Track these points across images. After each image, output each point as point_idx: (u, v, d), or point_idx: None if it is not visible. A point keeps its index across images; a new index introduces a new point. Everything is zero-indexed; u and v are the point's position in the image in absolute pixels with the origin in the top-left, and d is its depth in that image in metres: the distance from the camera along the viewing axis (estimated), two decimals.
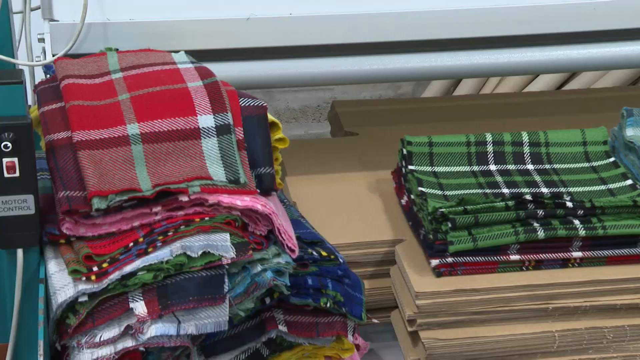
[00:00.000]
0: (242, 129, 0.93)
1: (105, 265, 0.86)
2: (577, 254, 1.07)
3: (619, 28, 1.21)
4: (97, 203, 0.86)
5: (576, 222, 1.06)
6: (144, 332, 0.86)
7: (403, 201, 1.19)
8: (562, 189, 1.14)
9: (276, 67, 1.21)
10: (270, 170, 0.93)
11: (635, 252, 1.07)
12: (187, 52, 1.03)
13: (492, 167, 1.19)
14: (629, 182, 1.14)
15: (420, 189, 1.12)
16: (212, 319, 0.87)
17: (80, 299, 0.86)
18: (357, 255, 1.15)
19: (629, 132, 1.18)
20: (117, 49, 1.06)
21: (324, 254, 1.01)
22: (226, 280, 0.87)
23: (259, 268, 0.90)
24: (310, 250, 1.00)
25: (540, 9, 1.18)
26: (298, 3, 1.16)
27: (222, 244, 0.87)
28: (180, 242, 0.87)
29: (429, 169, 1.18)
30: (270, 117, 0.96)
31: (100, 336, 0.86)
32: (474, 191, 1.14)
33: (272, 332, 0.96)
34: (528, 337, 1.05)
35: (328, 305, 0.98)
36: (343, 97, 2.59)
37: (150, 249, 0.87)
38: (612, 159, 1.18)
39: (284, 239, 0.91)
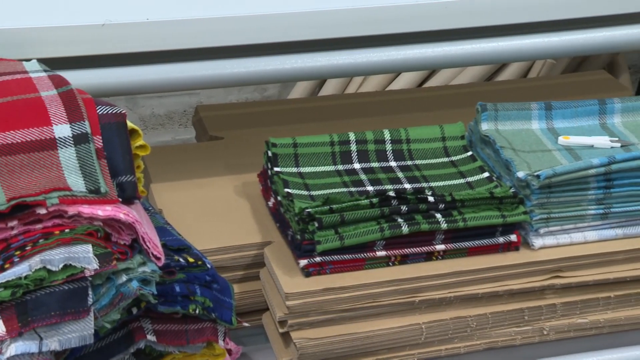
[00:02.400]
0: (100, 137, 0.91)
1: None
2: (440, 247, 1.10)
3: (471, 26, 1.25)
4: None
5: (438, 215, 1.09)
6: (3, 352, 0.83)
7: (270, 203, 1.19)
8: (424, 184, 1.17)
9: (137, 73, 1.19)
10: (131, 178, 0.92)
11: (494, 242, 1.11)
12: (40, 61, 1.00)
13: (356, 166, 1.21)
14: (486, 174, 1.18)
15: (286, 190, 1.13)
16: (76, 333, 0.85)
17: None
18: (225, 259, 1.15)
19: (484, 127, 1.22)
20: None
21: (191, 260, 1.00)
22: (90, 292, 0.85)
23: (124, 278, 0.88)
24: (176, 257, 0.99)
25: (395, 9, 1.21)
26: (155, 8, 1.15)
27: (84, 255, 0.85)
28: (40, 256, 0.84)
29: (294, 170, 1.18)
30: (130, 124, 0.94)
31: None
32: (339, 190, 1.15)
33: (141, 343, 0.95)
34: (396, 331, 1.08)
35: (197, 311, 0.97)
36: (209, 101, 2.58)
37: (7, 265, 0.83)
38: (469, 153, 1.22)
39: (148, 247, 0.90)
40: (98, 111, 0.92)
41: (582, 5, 1.27)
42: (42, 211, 0.86)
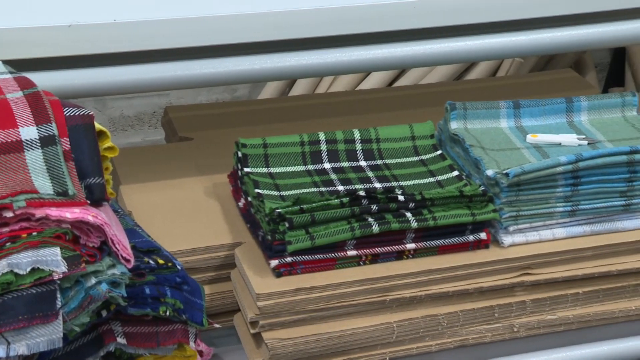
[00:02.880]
0: (68, 139, 0.90)
1: None
2: (411, 246, 1.10)
3: (440, 25, 1.25)
4: None
5: (408, 214, 1.10)
6: None
7: (240, 204, 1.19)
8: (394, 184, 1.17)
9: (105, 74, 1.18)
10: (100, 180, 0.91)
11: (464, 240, 1.12)
12: (5, 62, 0.99)
13: (327, 166, 1.21)
14: (456, 173, 1.18)
15: (256, 190, 1.12)
16: (45, 337, 0.84)
17: None
18: (196, 260, 1.14)
19: (454, 125, 1.23)
20: None
21: (161, 262, 1.00)
22: (58, 295, 0.85)
23: (93, 281, 0.88)
24: (146, 259, 0.99)
25: (364, 9, 1.21)
26: (122, 9, 1.14)
27: (52, 258, 0.84)
28: (7, 260, 0.83)
29: (264, 170, 1.18)
30: (98, 125, 0.94)
31: None
32: (310, 190, 1.15)
33: (111, 345, 0.94)
34: (368, 330, 1.08)
35: (167, 313, 0.96)
36: (179, 102, 2.57)
37: None
38: (439, 152, 1.23)
39: (118, 250, 0.89)
40: (65, 113, 0.91)
41: (548, 4, 1.28)
42: (9, 214, 0.85)
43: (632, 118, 1.27)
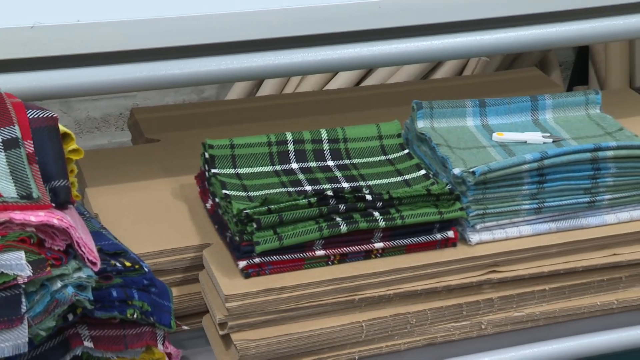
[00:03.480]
0: (32, 142, 0.89)
1: None
2: (379, 245, 1.11)
3: (406, 25, 1.26)
4: None
5: (376, 214, 1.10)
6: None
7: (208, 205, 1.19)
8: (362, 183, 1.18)
9: (70, 76, 1.17)
10: (65, 182, 0.90)
11: (432, 238, 1.12)
12: None
13: (294, 166, 1.21)
14: (423, 172, 1.19)
15: (224, 191, 1.12)
16: (9, 342, 0.83)
17: None
18: (164, 262, 1.14)
19: (420, 124, 1.23)
20: None
21: (128, 264, 0.99)
22: (23, 300, 0.84)
23: (59, 284, 0.87)
24: (113, 261, 0.98)
25: (330, 8, 1.21)
26: (86, 10, 1.13)
27: (16, 262, 0.84)
28: None
29: (232, 171, 1.18)
30: (63, 128, 0.93)
31: None
32: (278, 190, 1.15)
33: (77, 349, 0.93)
34: (337, 330, 1.08)
35: (135, 316, 0.96)
36: (145, 103, 2.55)
37: None
38: (406, 151, 1.23)
39: (84, 253, 0.89)
40: (28, 115, 0.90)
41: (513, 4, 1.29)
42: None
43: (595, 116, 1.29)
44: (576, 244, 1.16)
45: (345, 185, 1.17)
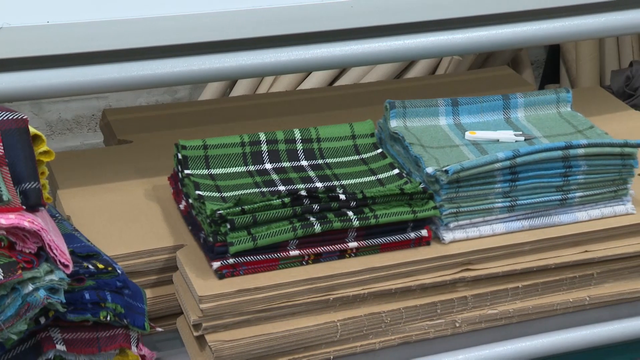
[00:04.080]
0: (1, 144, 0.88)
1: None
2: (353, 244, 1.11)
3: (378, 24, 1.26)
4: None
5: (350, 213, 1.10)
6: None
7: (181, 206, 1.18)
8: (335, 183, 1.18)
9: (41, 77, 1.16)
10: (36, 185, 0.90)
11: (406, 237, 1.12)
12: None
13: (268, 166, 1.20)
14: (396, 171, 1.19)
15: (197, 192, 1.12)
16: None
17: None
18: (137, 264, 1.13)
19: (393, 124, 1.24)
20: None
21: (100, 266, 0.99)
22: None
23: (30, 287, 0.86)
24: (85, 264, 0.97)
25: (302, 8, 1.21)
26: (56, 10, 1.12)
27: None
28: None
29: (205, 171, 1.18)
30: (33, 129, 0.92)
31: None
32: (251, 191, 1.15)
33: (50, 353, 0.93)
34: (312, 329, 1.08)
35: (108, 318, 0.95)
36: (118, 104, 2.54)
37: None
38: (379, 150, 1.24)
39: (56, 255, 0.88)
40: None
41: (485, 3, 1.30)
42: None
43: (566, 114, 1.30)
44: (548, 241, 1.17)
45: (319, 185, 1.17)
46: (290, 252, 1.08)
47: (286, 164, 1.21)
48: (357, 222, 1.10)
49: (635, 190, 1.21)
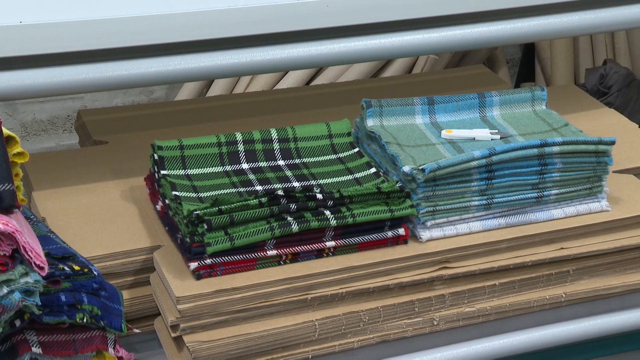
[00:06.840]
0: None
1: None
2: (331, 244, 1.11)
3: (354, 24, 1.26)
4: None
5: (327, 212, 1.10)
6: None
7: (158, 207, 1.18)
8: (312, 182, 1.18)
9: (14, 78, 1.15)
10: (10, 186, 0.89)
11: (383, 236, 1.13)
12: None
13: (245, 166, 1.20)
14: (373, 170, 1.19)
15: (174, 193, 1.11)
16: None
17: None
18: (114, 265, 1.13)
19: (370, 123, 1.24)
20: None
21: (76, 268, 0.98)
22: None
23: (5, 290, 0.86)
24: (61, 265, 0.97)
25: (278, 8, 1.21)
26: (29, 11, 1.11)
27: None
28: None
29: (181, 172, 1.17)
30: (6, 131, 0.91)
31: None
32: (228, 191, 1.15)
33: (25, 356, 0.92)
34: (290, 329, 1.08)
35: (85, 320, 0.95)
36: (94, 105, 2.52)
37: None
38: (356, 149, 1.24)
39: (31, 257, 0.87)
40: None
41: (460, 2, 1.30)
42: None
43: (541, 112, 1.30)
44: (525, 238, 1.17)
45: (296, 184, 1.17)
46: (267, 252, 1.08)
47: (263, 164, 1.21)
48: (335, 221, 1.10)
49: (609, 188, 1.22)
